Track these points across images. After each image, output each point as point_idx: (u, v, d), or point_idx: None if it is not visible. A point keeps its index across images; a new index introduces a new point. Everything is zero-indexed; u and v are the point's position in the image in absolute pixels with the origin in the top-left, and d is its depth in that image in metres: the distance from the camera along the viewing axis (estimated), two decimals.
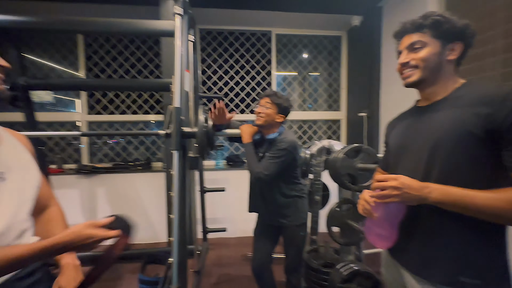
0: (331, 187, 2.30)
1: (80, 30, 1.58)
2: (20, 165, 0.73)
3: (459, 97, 0.71)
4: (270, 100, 1.37)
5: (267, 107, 1.37)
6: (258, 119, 1.39)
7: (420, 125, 0.77)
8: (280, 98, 1.38)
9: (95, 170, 2.72)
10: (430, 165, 0.71)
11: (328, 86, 3.35)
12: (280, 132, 1.41)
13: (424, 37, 0.72)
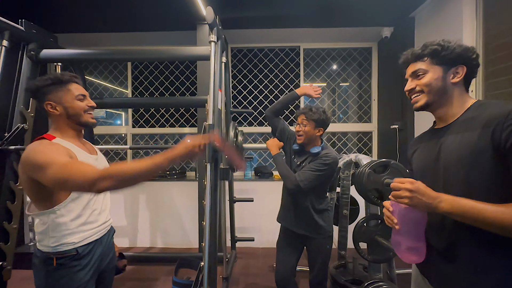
0: (361, 202, 2.26)
1: (131, 58, 1.85)
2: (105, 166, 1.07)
3: (471, 118, 0.72)
4: (305, 117, 1.43)
5: (304, 124, 1.42)
6: (299, 139, 1.45)
7: (436, 147, 0.79)
8: (315, 113, 1.42)
9: None
10: (446, 188, 0.73)
11: (358, 98, 3.31)
12: (323, 147, 1.46)
13: (424, 65, 0.78)
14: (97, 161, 1.04)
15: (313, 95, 1.53)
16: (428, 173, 0.81)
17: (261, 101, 3.30)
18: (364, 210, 1.93)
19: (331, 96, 3.35)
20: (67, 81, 0.96)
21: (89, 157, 1.00)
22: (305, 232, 1.48)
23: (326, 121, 1.45)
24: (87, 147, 1.06)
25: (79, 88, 0.99)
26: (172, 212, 3.01)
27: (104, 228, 1.06)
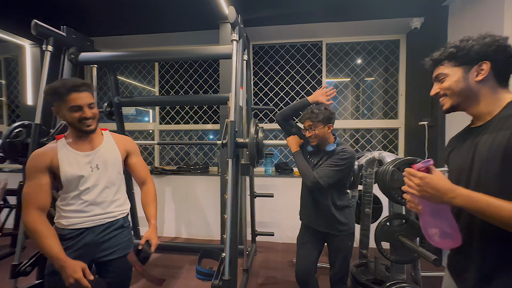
0: (384, 200, 2.20)
1: (158, 59, 1.96)
2: (111, 160, 1.15)
3: (507, 116, 0.69)
4: (311, 122, 1.43)
5: (313, 128, 1.42)
6: (312, 141, 1.46)
7: (471, 148, 0.77)
8: (318, 114, 1.40)
9: (164, 172, 3.19)
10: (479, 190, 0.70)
11: (384, 93, 3.18)
12: (338, 143, 1.45)
13: (445, 69, 0.79)
14: (89, 156, 1.10)
15: (324, 101, 1.50)
16: (463, 173, 0.78)
17: (282, 98, 3.30)
18: (387, 209, 1.89)
19: (355, 91, 3.25)
20: (66, 93, 1.01)
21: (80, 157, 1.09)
22: (326, 230, 1.48)
23: (332, 116, 1.45)
24: (92, 143, 1.13)
25: (76, 99, 1.02)
26: (196, 205, 3.14)
27: (99, 219, 1.11)
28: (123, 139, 1.25)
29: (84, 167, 1.08)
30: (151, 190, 1.26)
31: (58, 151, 1.06)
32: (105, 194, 1.13)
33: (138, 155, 1.27)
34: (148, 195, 1.24)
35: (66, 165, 1.05)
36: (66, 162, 1.05)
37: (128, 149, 1.24)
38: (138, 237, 2.85)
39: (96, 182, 1.10)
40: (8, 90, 3.80)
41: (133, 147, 1.27)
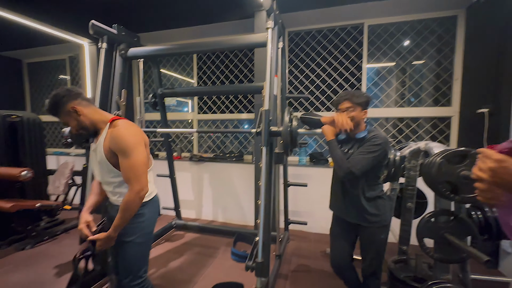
0: (430, 195, 2.03)
1: (196, 51, 2.04)
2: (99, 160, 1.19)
3: None
4: (351, 103, 1.36)
5: (351, 109, 1.36)
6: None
7: None
8: (359, 96, 1.36)
9: (202, 159, 3.38)
10: None
11: (435, 78, 2.85)
12: (369, 130, 1.39)
13: None
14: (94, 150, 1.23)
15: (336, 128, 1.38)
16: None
17: (318, 85, 3.19)
18: (433, 205, 1.74)
19: (400, 77, 2.98)
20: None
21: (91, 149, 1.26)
22: (356, 221, 1.43)
23: (369, 102, 1.39)
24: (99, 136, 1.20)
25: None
26: (231, 191, 3.28)
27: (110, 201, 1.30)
28: (111, 136, 1.13)
29: (92, 159, 1.25)
30: (125, 198, 1.13)
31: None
32: (105, 186, 1.27)
33: (123, 155, 1.11)
34: (122, 202, 1.14)
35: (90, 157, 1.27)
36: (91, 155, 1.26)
37: (112, 148, 1.12)
38: (179, 217, 3.12)
39: (97, 176, 1.28)
40: (72, 85, 4.36)
41: (117, 145, 1.11)
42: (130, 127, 1.16)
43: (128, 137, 1.12)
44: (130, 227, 1.20)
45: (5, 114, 2.74)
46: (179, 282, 2.02)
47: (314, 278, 2.09)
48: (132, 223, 1.20)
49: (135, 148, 1.11)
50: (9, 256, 2.43)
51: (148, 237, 1.30)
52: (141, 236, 1.23)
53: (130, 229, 1.21)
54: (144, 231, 1.24)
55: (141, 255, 1.27)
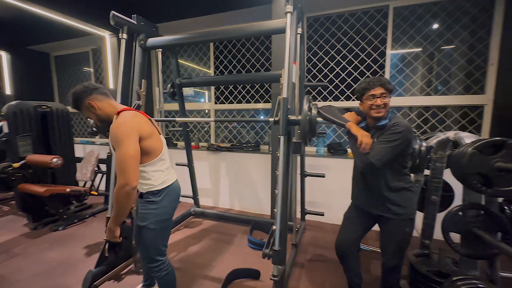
0: (457, 188, 1.92)
1: (214, 39, 2.03)
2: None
3: None
4: (384, 89, 1.29)
5: (385, 96, 1.29)
6: (380, 112, 1.30)
7: None
8: (389, 83, 1.31)
9: (219, 148, 3.43)
10: None
11: (468, 63, 2.64)
12: (390, 118, 1.32)
13: None
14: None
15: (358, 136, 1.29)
16: None
17: (338, 73, 3.07)
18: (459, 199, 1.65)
19: (427, 62, 2.79)
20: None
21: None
22: (378, 212, 1.39)
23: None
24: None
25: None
26: (248, 180, 3.31)
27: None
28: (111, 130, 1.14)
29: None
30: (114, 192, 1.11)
31: None
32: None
33: (117, 148, 1.09)
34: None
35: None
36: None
37: (111, 142, 1.15)
38: (198, 205, 3.21)
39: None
40: (95, 76, 4.53)
41: (111, 138, 1.13)
42: (126, 118, 1.14)
43: (118, 129, 1.10)
44: (144, 213, 1.27)
45: (37, 104, 2.92)
46: (198, 266, 2.10)
47: (330, 267, 2.09)
48: (146, 209, 1.26)
49: (123, 140, 1.08)
50: (44, 235, 2.64)
51: (163, 224, 1.32)
52: (155, 223, 1.27)
53: (144, 215, 1.27)
54: (158, 217, 1.27)
55: (155, 240, 1.31)
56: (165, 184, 1.30)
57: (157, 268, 1.34)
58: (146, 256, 1.34)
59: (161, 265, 1.35)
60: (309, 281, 1.91)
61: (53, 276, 1.96)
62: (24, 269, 2.06)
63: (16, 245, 2.45)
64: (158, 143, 1.28)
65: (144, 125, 1.20)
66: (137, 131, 1.13)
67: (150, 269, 1.35)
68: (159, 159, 1.27)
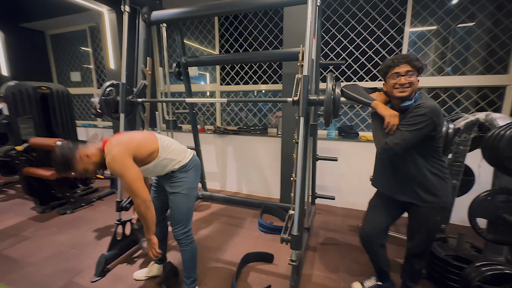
0: (478, 173, 1.87)
1: (225, 11, 1.86)
2: None
3: None
4: (411, 67, 1.17)
5: (411, 74, 1.17)
6: (404, 91, 1.19)
7: None
8: (417, 60, 1.17)
9: (226, 132, 3.34)
10: None
11: (492, 40, 2.47)
12: (416, 99, 1.21)
13: None
14: None
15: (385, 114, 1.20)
16: None
17: (351, 52, 2.91)
18: (486, 183, 1.59)
19: (448, 40, 2.62)
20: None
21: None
22: (407, 199, 1.31)
23: (423, 68, 1.21)
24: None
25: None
26: (256, 164, 3.26)
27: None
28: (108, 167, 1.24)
29: None
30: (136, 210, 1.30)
31: None
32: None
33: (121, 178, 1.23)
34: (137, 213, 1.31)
35: None
36: None
37: (113, 174, 1.30)
38: (205, 189, 3.17)
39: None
40: (94, 56, 4.34)
41: (113, 173, 1.24)
42: (113, 153, 1.20)
43: (114, 164, 1.20)
44: (176, 181, 1.41)
45: (36, 86, 2.79)
46: (210, 249, 2.08)
47: (342, 251, 2.08)
48: (179, 178, 1.42)
49: (122, 171, 1.20)
50: (52, 219, 2.63)
51: (193, 191, 1.47)
52: (186, 189, 1.43)
53: (176, 183, 1.42)
54: (187, 185, 1.43)
55: (187, 206, 1.45)
56: (187, 159, 1.45)
57: (187, 234, 1.46)
58: (179, 220, 1.44)
59: (189, 232, 1.48)
60: (323, 265, 1.90)
61: (65, 259, 1.96)
62: (35, 252, 2.05)
63: (25, 228, 2.43)
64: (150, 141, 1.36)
65: (129, 144, 1.26)
66: (128, 156, 1.22)
67: (181, 236, 1.45)
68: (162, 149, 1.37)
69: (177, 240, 1.47)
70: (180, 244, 1.47)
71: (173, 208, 1.45)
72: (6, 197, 3.23)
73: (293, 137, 1.48)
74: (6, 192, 3.42)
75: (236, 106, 3.63)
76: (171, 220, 1.47)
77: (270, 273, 1.80)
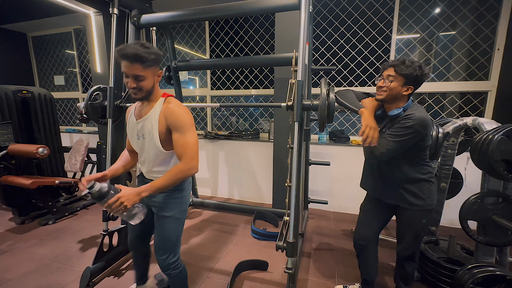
0: (469, 175, 1.92)
1: (216, 16, 1.84)
2: (147, 133, 1.14)
3: None
4: (395, 71, 1.18)
5: (391, 79, 1.19)
6: (379, 94, 1.24)
7: None
8: (408, 67, 1.16)
9: (217, 136, 3.29)
10: None
11: (473, 48, 2.59)
12: (405, 108, 1.22)
13: None
14: (137, 125, 1.17)
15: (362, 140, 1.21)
16: None
17: (341, 58, 2.96)
18: (474, 186, 1.64)
19: (433, 47, 2.72)
20: (119, 57, 1.02)
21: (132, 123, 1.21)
22: (393, 202, 1.33)
23: (420, 78, 1.17)
24: (143, 111, 1.17)
25: (125, 66, 1.03)
26: (247, 169, 3.22)
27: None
28: (169, 111, 1.10)
29: (134, 134, 1.20)
30: (177, 167, 1.09)
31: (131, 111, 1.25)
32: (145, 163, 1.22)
33: (179, 131, 1.09)
34: (172, 169, 1.10)
35: (129, 130, 1.22)
36: (129, 128, 1.22)
37: (169, 123, 1.10)
38: (196, 195, 3.10)
39: (141, 151, 1.21)
40: (79, 59, 4.20)
41: (175, 121, 1.09)
42: (185, 107, 1.15)
43: (186, 116, 1.11)
44: (172, 202, 1.21)
45: (16, 89, 2.65)
46: (203, 258, 2.02)
47: (337, 256, 2.07)
48: (174, 198, 1.21)
49: (191, 127, 1.12)
50: (33, 230, 2.48)
51: (185, 214, 1.29)
52: (180, 212, 1.24)
53: (172, 204, 1.21)
54: (182, 207, 1.25)
55: (178, 231, 1.25)
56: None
57: (175, 262, 1.25)
58: (166, 249, 1.22)
59: (179, 259, 1.28)
60: (318, 271, 1.88)
61: (46, 274, 1.84)
62: (14, 267, 1.92)
63: (2, 241, 2.28)
64: None
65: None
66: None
67: (169, 267, 1.24)
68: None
69: (164, 271, 1.25)
70: (168, 275, 1.27)
71: (161, 234, 1.22)
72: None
73: (285, 142, 1.47)
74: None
75: (228, 110, 3.60)
76: (156, 247, 1.23)
77: (265, 281, 1.76)
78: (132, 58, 1.00)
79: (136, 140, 1.20)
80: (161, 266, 1.24)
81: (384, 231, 1.85)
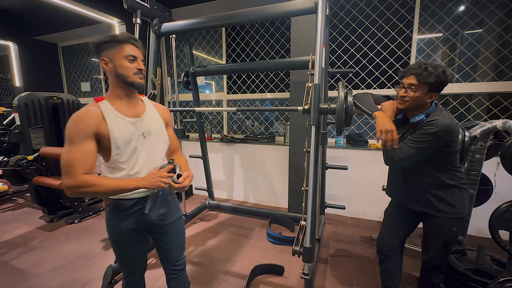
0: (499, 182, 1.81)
1: (233, 22, 1.88)
2: (155, 129, 1.08)
3: None
4: (417, 80, 1.12)
5: (414, 89, 1.13)
6: (402, 103, 1.19)
7: None
8: (431, 74, 1.09)
9: (233, 140, 3.33)
10: None
11: (502, 46, 2.44)
12: (428, 113, 1.17)
13: None
14: (135, 124, 1.01)
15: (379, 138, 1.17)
16: None
17: (359, 60, 2.90)
18: (505, 193, 1.53)
19: (457, 47, 2.60)
20: (124, 41, 0.97)
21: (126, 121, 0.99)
22: (420, 209, 1.28)
23: (444, 83, 1.11)
24: (136, 108, 1.04)
25: (132, 50, 0.97)
26: (263, 172, 3.23)
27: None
28: (163, 108, 1.17)
29: (134, 134, 1.00)
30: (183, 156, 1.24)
31: (105, 116, 0.95)
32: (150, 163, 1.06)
33: (172, 127, 1.21)
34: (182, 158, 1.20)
35: (117, 132, 0.96)
36: (116, 129, 0.96)
37: (167, 119, 1.16)
38: (212, 198, 3.14)
39: (143, 150, 1.03)
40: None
41: (170, 118, 1.20)
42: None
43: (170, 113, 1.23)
44: (177, 204, 1.25)
45: (48, 96, 2.84)
46: (219, 261, 2.04)
47: (355, 263, 2.01)
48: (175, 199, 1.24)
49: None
50: (60, 228, 2.63)
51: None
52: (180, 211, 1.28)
53: (178, 206, 1.26)
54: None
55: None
56: None
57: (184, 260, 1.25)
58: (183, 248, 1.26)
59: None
60: (336, 278, 1.84)
61: (72, 270, 1.94)
62: (43, 262, 2.04)
63: (33, 238, 2.43)
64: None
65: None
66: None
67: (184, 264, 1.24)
68: None
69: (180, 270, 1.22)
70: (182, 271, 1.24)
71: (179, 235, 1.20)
72: (16, 206, 3.26)
73: (301, 145, 1.46)
74: (16, 201, 3.45)
75: (243, 114, 3.64)
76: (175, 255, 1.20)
77: (281, 287, 1.74)
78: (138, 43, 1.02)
79: (136, 141, 1.01)
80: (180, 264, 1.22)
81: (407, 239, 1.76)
